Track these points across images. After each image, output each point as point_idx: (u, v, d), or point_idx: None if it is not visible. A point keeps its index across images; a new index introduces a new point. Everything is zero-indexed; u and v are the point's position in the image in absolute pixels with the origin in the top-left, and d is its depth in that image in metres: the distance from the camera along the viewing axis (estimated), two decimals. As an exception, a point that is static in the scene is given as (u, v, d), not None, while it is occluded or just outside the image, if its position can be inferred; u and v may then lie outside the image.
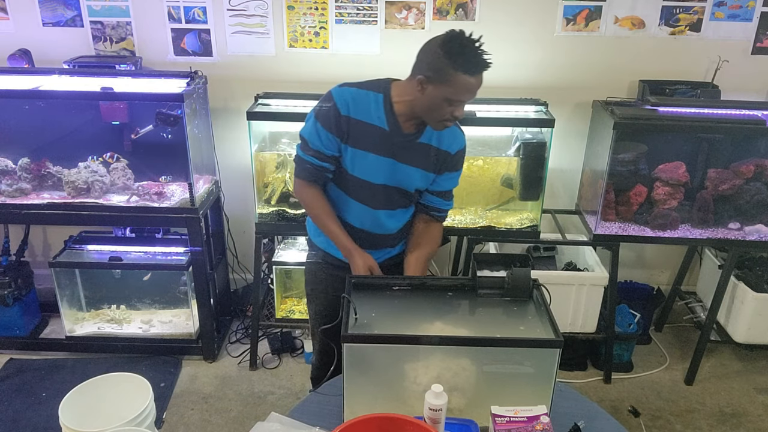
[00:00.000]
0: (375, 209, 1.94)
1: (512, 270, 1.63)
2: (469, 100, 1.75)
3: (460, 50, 1.66)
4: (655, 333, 3.35)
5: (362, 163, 1.86)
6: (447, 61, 1.66)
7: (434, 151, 1.90)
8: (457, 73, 1.67)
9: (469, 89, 1.71)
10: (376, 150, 1.85)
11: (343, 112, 1.81)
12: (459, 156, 1.96)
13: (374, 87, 1.84)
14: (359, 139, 1.84)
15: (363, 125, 1.82)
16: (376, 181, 1.89)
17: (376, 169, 1.87)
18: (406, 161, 1.88)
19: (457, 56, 1.66)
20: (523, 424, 1.39)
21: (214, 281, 3.12)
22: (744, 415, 2.77)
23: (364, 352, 1.46)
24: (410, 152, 1.87)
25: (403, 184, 1.91)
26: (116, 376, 1.64)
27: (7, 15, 2.98)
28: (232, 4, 2.93)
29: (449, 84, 1.69)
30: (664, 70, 3.00)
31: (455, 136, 1.93)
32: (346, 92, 1.83)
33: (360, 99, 1.82)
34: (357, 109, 1.82)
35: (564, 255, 3.07)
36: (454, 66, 1.66)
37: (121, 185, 2.87)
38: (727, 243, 2.79)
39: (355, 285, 1.65)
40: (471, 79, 1.69)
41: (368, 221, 1.96)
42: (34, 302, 3.18)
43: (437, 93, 1.71)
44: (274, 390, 2.86)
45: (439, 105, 1.73)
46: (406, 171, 1.89)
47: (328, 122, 1.82)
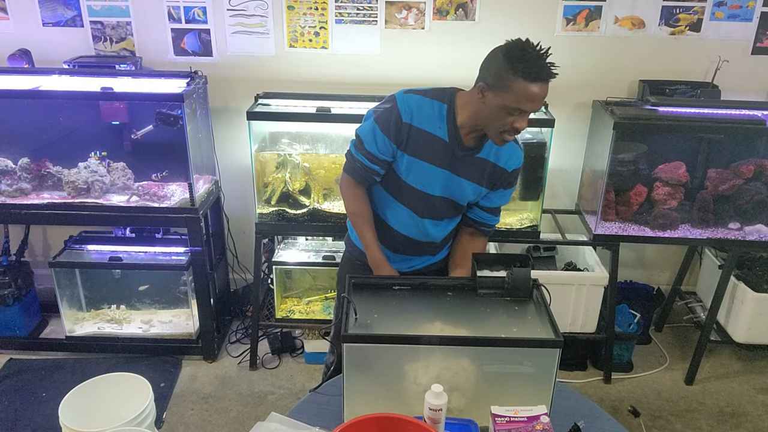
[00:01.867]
0: (423, 218, 1.91)
1: (512, 270, 1.63)
2: (531, 110, 1.67)
3: (521, 56, 1.60)
4: (655, 333, 3.35)
5: (418, 173, 1.83)
6: (507, 66, 1.61)
7: (491, 166, 1.86)
8: (517, 79, 1.60)
9: (529, 97, 1.62)
10: (434, 161, 1.81)
11: (405, 119, 1.78)
12: (515, 174, 1.92)
13: (439, 96, 1.81)
14: (418, 148, 1.80)
15: (424, 134, 1.79)
16: (432, 192, 1.86)
17: (433, 180, 1.84)
18: (461, 174, 1.84)
19: (517, 62, 1.59)
20: (523, 424, 1.39)
21: (214, 281, 3.12)
22: (744, 415, 2.77)
23: (364, 352, 1.46)
24: (467, 166, 1.84)
25: (456, 196, 1.88)
26: (116, 376, 1.64)
27: (7, 15, 2.98)
28: (232, 4, 2.93)
29: (509, 91, 1.62)
30: (664, 70, 3.00)
31: (513, 153, 1.88)
32: (411, 99, 1.79)
33: (424, 107, 1.79)
34: (420, 118, 1.78)
35: (564, 255, 3.07)
36: (514, 71, 1.60)
37: (121, 185, 2.87)
38: (727, 243, 2.79)
39: (356, 285, 1.65)
40: (532, 86, 1.60)
41: (414, 228, 1.93)
42: (34, 302, 3.18)
43: (497, 101, 1.65)
44: (274, 390, 2.86)
45: (499, 115, 1.67)
46: (461, 184, 1.85)
47: (387, 127, 1.80)
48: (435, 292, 1.68)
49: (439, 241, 1.99)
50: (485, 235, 2.04)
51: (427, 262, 2.04)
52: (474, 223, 2.00)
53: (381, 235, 1.97)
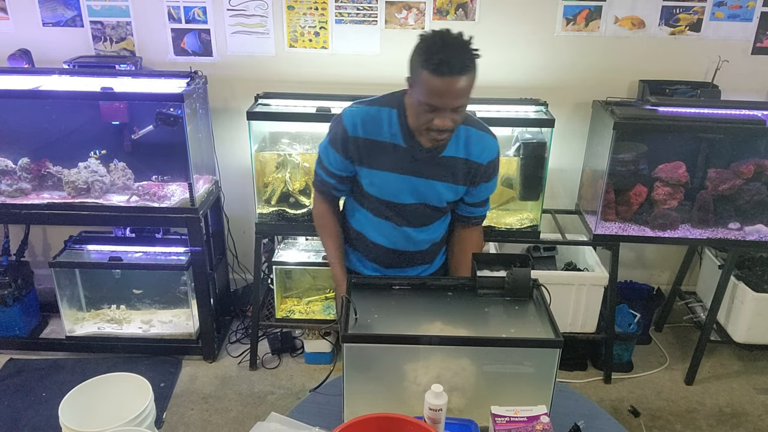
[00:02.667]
0: (404, 227, 1.85)
1: (512, 270, 1.63)
2: (445, 106, 1.54)
3: (426, 47, 1.50)
4: (655, 333, 3.35)
5: (382, 183, 1.78)
6: (416, 58, 1.53)
7: (462, 162, 1.77)
8: (423, 72, 1.50)
9: (436, 92, 1.51)
10: (394, 169, 1.74)
11: (351, 133, 1.72)
12: (492, 166, 1.81)
13: (388, 102, 1.73)
14: (374, 159, 1.74)
15: (377, 144, 1.72)
16: (400, 201, 1.80)
17: (398, 188, 1.78)
18: (430, 177, 1.76)
19: (422, 52, 1.50)
20: (523, 424, 1.39)
21: (214, 281, 3.12)
22: (744, 415, 2.77)
23: (364, 352, 1.46)
24: (434, 167, 1.75)
25: (431, 200, 1.81)
26: (116, 376, 1.64)
27: (7, 15, 2.98)
28: (232, 4, 2.93)
29: (418, 85, 1.54)
30: (664, 70, 3.00)
31: (485, 145, 1.77)
32: (356, 112, 1.73)
33: (371, 117, 1.72)
34: (368, 129, 1.72)
35: (564, 255, 3.07)
36: (421, 63, 1.50)
37: (121, 185, 2.87)
38: (727, 243, 2.79)
39: (356, 285, 1.65)
40: (437, 80, 1.49)
41: (399, 240, 1.88)
42: (34, 302, 3.18)
43: (414, 96, 1.58)
44: (274, 390, 2.86)
45: (419, 111, 1.58)
46: (433, 186, 1.78)
47: (336, 143, 1.76)
48: (435, 292, 1.68)
49: (426, 248, 1.93)
50: (478, 225, 1.98)
51: (423, 273, 1.99)
52: (463, 218, 1.95)
53: (367, 251, 1.94)
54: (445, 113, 1.57)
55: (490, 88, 3.02)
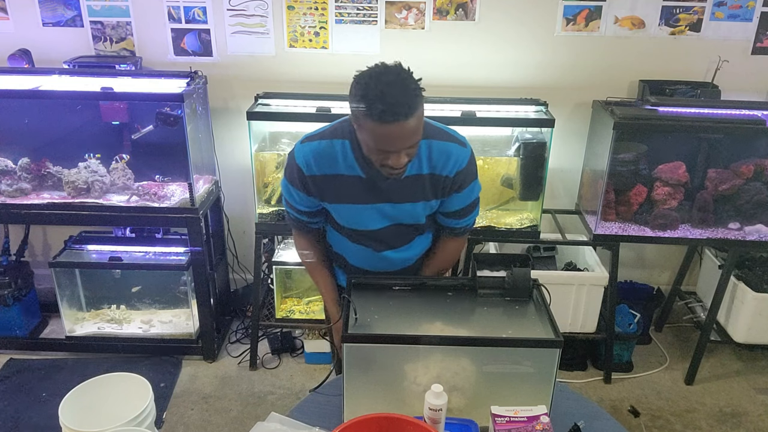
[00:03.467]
0: (386, 251, 1.80)
1: (512, 270, 1.63)
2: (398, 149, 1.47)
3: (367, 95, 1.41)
4: (655, 333, 3.35)
5: (351, 215, 1.72)
6: (357, 106, 1.43)
7: (428, 178, 1.65)
8: (366, 120, 1.42)
9: (385, 140, 1.43)
10: (358, 200, 1.67)
11: (307, 173, 1.64)
12: (461, 177, 1.68)
13: (337, 133, 1.63)
14: (336, 193, 1.67)
15: (335, 179, 1.64)
16: (373, 227, 1.73)
17: (367, 218, 1.71)
18: (398, 200, 1.67)
19: (365, 102, 1.40)
20: (523, 424, 1.39)
21: (214, 281, 3.12)
22: (744, 415, 2.77)
23: (364, 352, 1.46)
24: (401, 189, 1.66)
25: (405, 220, 1.74)
26: (116, 376, 1.64)
27: (7, 15, 2.98)
28: (232, 4, 2.93)
29: (364, 131, 1.47)
30: (664, 70, 3.00)
31: (449, 155, 1.64)
32: (307, 149, 1.64)
33: (323, 153, 1.63)
34: (322, 165, 1.63)
35: (564, 255, 3.07)
36: (365, 113, 1.41)
37: (121, 185, 2.87)
38: (727, 243, 2.79)
39: (355, 285, 1.65)
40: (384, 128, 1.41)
41: (382, 263, 1.83)
42: (34, 302, 3.18)
43: (362, 138, 1.50)
44: (274, 390, 2.86)
45: (369, 151, 1.51)
46: (402, 209, 1.70)
47: (294, 182, 1.69)
48: (435, 292, 1.68)
49: (413, 262, 1.88)
50: (457, 236, 1.86)
51: None
52: (442, 229, 1.86)
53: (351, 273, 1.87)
54: (395, 156, 1.49)
55: (490, 88, 3.02)
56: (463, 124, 2.67)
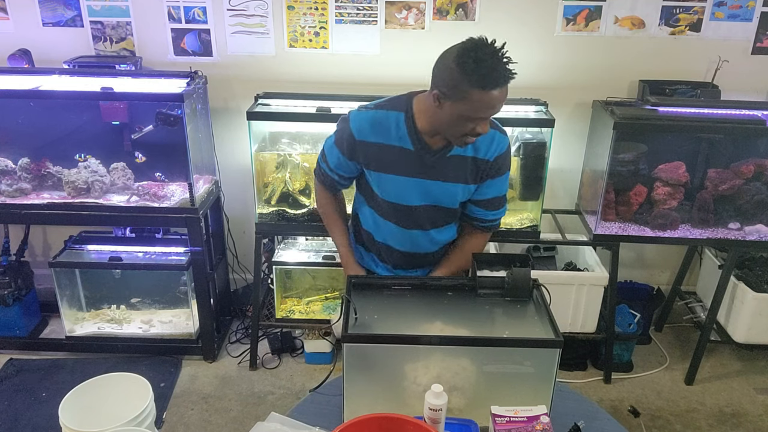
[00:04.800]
0: (415, 230, 1.85)
1: (512, 270, 1.63)
2: (492, 115, 1.62)
3: (474, 65, 1.50)
4: (655, 333, 3.35)
5: (391, 187, 1.79)
6: (462, 77, 1.52)
7: (471, 161, 1.77)
8: (473, 90, 1.52)
9: (489, 105, 1.56)
10: (403, 172, 1.76)
11: (359, 137, 1.74)
12: (500, 162, 1.79)
13: (395, 106, 1.75)
14: (382, 162, 1.76)
15: (384, 148, 1.74)
16: (411, 203, 1.80)
17: (408, 191, 1.78)
18: (441, 178, 1.77)
19: (471, 72, 1.50)
20: (523, 424, 1.39)
21: (214, 281, 3.12)
22: (744, 415, 2.77)
23: (364, 352, 1.46)
24: (444, 168, 1.76)
25: (443, 201, 1.82)
26: (116, 376, 1.64)
27: (7, 15, 2.98)
28: (232, 4, 2.93)
29: (465, 101, 1.55)
30: (664, 70, 3.00)
31: (493, 141, 1.76)
32: (363, 116, 1.75)
33: (378, 121, 1.73)
34: (375, 133, 1.73)
35: (564, 255, 3.07)
36: (470, 82, 1.52)
37: (121, 185, 2.88)
38: (727, 243, 2.79)
39: (355, 285, 1.65)
40: (491, 94, 1.53)
41: (408, 242, 1.88)
42: (34, 302, 3.18)
43: (454, 110, 1.58)
44: (274, 390, 2.86)
45: (458, 122, 1.61)
46: (444, 188, 1.78)
47: (342, 146, 1.79)
48: (435, 292, 1.68)
49: (436, 249, 1.93)
50: (483, 231, 1.95)
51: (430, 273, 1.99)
52: (467, 219, 1.93)
53: (377, 251, 1.96)
54: (486, 120, 1.62)
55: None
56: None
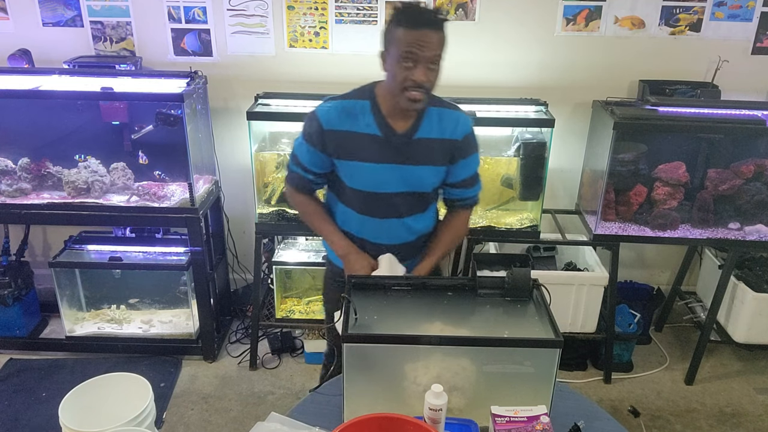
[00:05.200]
0: (390, 218, 1.86)
1: (512, 270, 1.63)
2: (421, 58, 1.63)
3: (400, 10, 1.66)
4: (655, 333, 3.35)
5: (362, 175, 1.80)
6: (391, 23, 1.66)
7: (438, 143, 1.80)
8: (399, 29, 1.63)
9: (413, 42, 1.62)
10: (374, 158, 1.78)
11: (327, 127, 1.77)
12: (468, 140, 1.85)
13: (360, 94, 1.80)
14: (353, 150, 1.78)
15: (353, 136, 1.77)
16: (384, 190, 1.82)
17: (380, 178, 1.80)
18: (411, 162, 1.79)
19: (396, 14, 1.66)
20: (523, 424, 1.39)
21: (214, 281, 3.12)
22: (744, 415, 2.77)
23: (364, 352, 1.46)
24: (414, 152, 1.79)
25: (416, 186, 1.83)
26: (116, 376, 1.64)
27: (7, 15, 2.98)
28: (232, 4, 2.93)
29: (395, 43, 1.64)
30: (664, 70, 3.00)
31: (457, 121, 1.82)
32: (330, 106, 1.79)
33: (345, 110, 1.77)
34: (342, 121, 1.77)
35: (564, 255, 3.07)
36: (396, 23, 1.64)
37: (121, 185, 2.87)
38: (727, 243, 2.79)
39: (355, 285, 1.65)
40: (416, 32, 1.62)
41: (385, 233, 1.88)
42: (34, 302, 3.18)
43: (392, 58, 1.67)
44: (274, 390, 2.86)
45: (396, 71, 1.66)
46: (415, 172, 1.81)
47: (311, 139, 1.80)
48: (435, 292, 1.68)
49: (413, 240, 1.93)
50: (466, 208, 1.99)
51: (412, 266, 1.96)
52: (450, 202, 1.98)
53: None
54: (420, 67, 1.64)
55: (490, 88, 3.02)
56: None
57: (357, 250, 1.88)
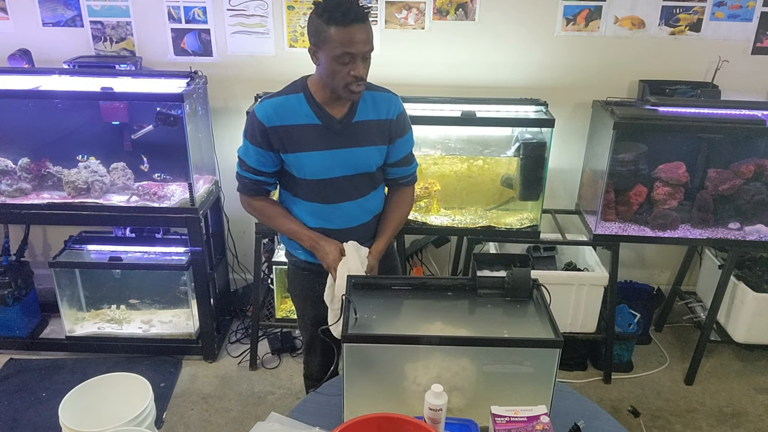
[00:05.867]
0: (343, 202, 1.92)
1: (512, 270, 1.63)
2: (359, 53, 1.70)
3: (326, 6, 1.67)
4: (655, 333, 3.35)
5: (310, 164, 1.85)
6: (318, 20, 1.69)
7: (376, 124, 1.88)
8: (329, 28, 1.67)
9: (348, 41, 1.67)
10: (317, 147, 1.84)
11: (268, 124, 1.81)
12: (402, 119, 1.94)
13: (292, 89, 1.87)
14: (296, 142, 1.83)
15: (295, 129, 1.82)
16: (332, 175, 1.87)
17: (327, 164, 1.85)
18: (354, 144, 1.86)
19: (323, 12, 1.67)
20: (523, 424, 1.39)
21: (214, 281, 3.12)
22: (744, 415, 2.77)
23: (364, 352, 1.46)
24: (354, 135, 1.86)
25: (361, 167, 1.90)
26: (116, 376, 1.65)
27: (7, 15, 2.98)
28: (232, 4, 2.93)
29: (330, 43, 1.68)
30: (664, 70, 3.00)
31: (390, 101, 1.91)
32: (267, 104, 1.84)
33: (282, 106, 1.83)
34: (282, 117, 1.82)
35: (564, 255, 3.07)
36: (327, 22, 1.67)
37: (121, 185, 2.87)
38: (727, 243, 2.79)
39: (355, 285, 1.65)
40: (345, 30, 1.66)
41: (341, 218, 1.94)
42: (34, 302, 3.18)
43: (327, 56, 1.71)
44: (274, 390, 2.86)
45: (334, 68, 1.72)
46: (358, 153, 1.87)
47: (255, 139, 1.85)
48: (435, 292, 1.68)
49: (369, 219, 1.99)
50: (407, 186, 2.07)
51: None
52: (392, 181, 2.04)
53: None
54: (357, 62, 1.71)
55: (490, 88, 3.02)
56: (463, 124, 2.67)
57: (324, 237, 1.93)
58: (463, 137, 2.88)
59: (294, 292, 2.15)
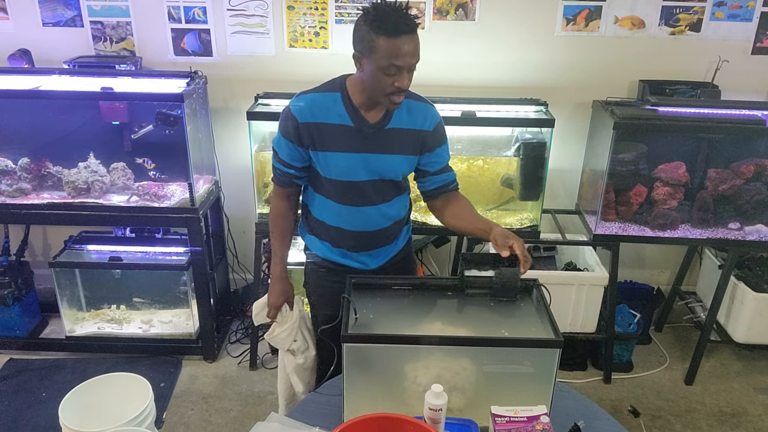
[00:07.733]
0: (366, 206, 1.90)
1: (500, 270, 1.63)
2: (405, 66, 1.68)
3: (375, 15, 1.65)
4: (655, 333, 3.35)
5: (336, 165, 1.84)
6: (367, 29, 1.66)
7: (410, 133, 1.86)
8: (379, 38, 1.64)
9: (396, 53, 1.65)
10: (346, 148, 1.82)
11: (301, 120, 1.80)
12: (439, 130, 1.92)
13: (330, 87, 1.85)
14: (326, 141, 1.82)
15: (327, 127, 1.81)
16: (358, 179, 1.86)
17: (354, 167, 1.84)
18: (382, 151, 1.84)
19: (373, 21, 1.64)
20: (523, 424, 1.39)
21: (214, 281, 3.12)
22: (744, 415, 2.77)
23: (364, 352, 1.46)
24: (385, 141, 1.84)
25: (387, 174, 1.88)
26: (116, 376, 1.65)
27: (7, 15, 2.98)
28: (232, 4, 2.93)
29: (376, 52, 1.66)
30: (664, 70, 3.00)
31: (426, 112, 1.88)
32: (302, 100, 1.83)
33: (317, 103, 1.82)
34: (316, 114, 1.81)
35: (564, 255, 3.07)
36: (375, 31, 1.64)
37: (121, 185, 2.88)
38: (727, 243, 2.79)
39: (355, 285, 1.65)
40: (395, 41, 1.64)
41: (361, 221, 1.92)
42: (34, 302, 3.18)
43: (371, 65, 1.69)
44: (274, 390, 2.86)
45: (378, 78, 1.70)
46: (386, 160, 1.85)
47: (288, 133, 1.84)
48: (435, 292, 1.68)
49: (388, 225, 1.97)
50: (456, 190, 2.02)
51: (387, 256, 2.02)
52: (442, 189, 1.99)
53: (330, 238, 1.97)
54: (403, 74, 1.69)
55: (490, 88, 3.02)
56: (463, 124, 2.67)
57: (285, 279, 2.01)
58: (464, 137, 2.88)
59: (309, 289, 2.16)
